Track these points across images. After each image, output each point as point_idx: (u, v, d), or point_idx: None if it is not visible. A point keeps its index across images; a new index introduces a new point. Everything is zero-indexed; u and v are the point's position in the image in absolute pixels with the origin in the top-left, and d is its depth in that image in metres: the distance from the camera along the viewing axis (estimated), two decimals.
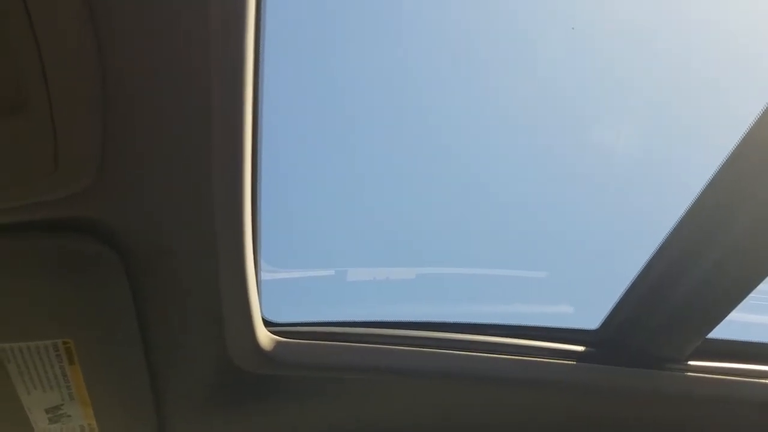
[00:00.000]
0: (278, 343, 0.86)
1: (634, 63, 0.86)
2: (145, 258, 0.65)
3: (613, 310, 0.94)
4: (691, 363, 0.95)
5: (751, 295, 0.86)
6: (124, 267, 0.63)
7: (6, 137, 0.49)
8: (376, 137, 0.93)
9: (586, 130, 0.94)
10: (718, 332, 0.91)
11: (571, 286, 1.06)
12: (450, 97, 0.91)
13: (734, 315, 0.89)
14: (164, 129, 0.55)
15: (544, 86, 0.88)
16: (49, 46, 0.45)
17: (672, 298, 0.88)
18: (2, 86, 0.46)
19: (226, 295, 0.74)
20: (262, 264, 0.82)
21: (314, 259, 1.01)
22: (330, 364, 0.89)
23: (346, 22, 0.85)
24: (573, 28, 0.73)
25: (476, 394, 0.94)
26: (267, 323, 0.87)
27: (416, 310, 0.97)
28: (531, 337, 0.96)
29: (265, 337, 0.84)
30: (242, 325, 0.79)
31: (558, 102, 0.90)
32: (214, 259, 0.68)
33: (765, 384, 0.95)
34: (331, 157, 0.95)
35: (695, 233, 0.81)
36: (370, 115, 0.91)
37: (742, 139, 0.69)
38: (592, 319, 0.97)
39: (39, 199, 0.55)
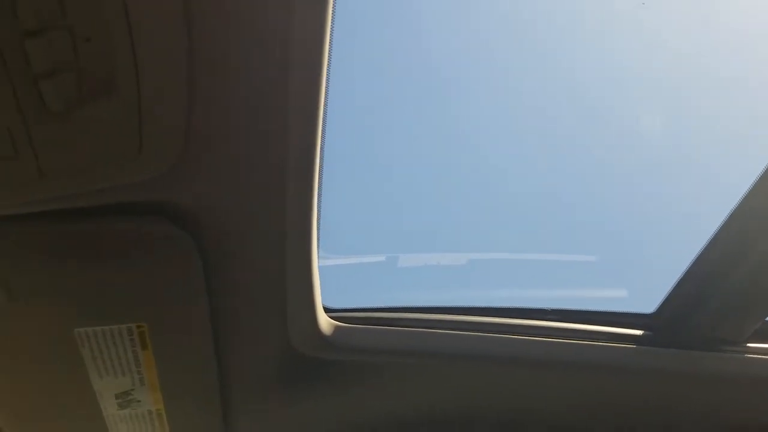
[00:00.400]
0: (337, 328, 0.87)
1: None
2: (216, 243, 0.65)
3: (670, 293, 0.93)
4: (751, 345, 0.94)
5: None
6: (198, 251, 0.64)
7: (94, 121, 0.50)
8: (426, 123, 0.92)
9: (642, 114, 0.93)
10: None
11: (623, 270, 1.05)
12: (496, 82, 0.91)
13: None
14: (241, 116, 0.55)
15: (600, 68, 0.87)
16: (142, 34, 0.46)
17: (732, 279, 0.87)
18: (95, 70, 0.47)
19: (291, 282, 0.74)
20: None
21: (365, 245, 1.01)
22: (388, 349, 0.90)
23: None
24: (643, 3, 0.72)
25: (533, 379, 0.94)
26: (325, 309, 0.88)
27: (468, 296, 0.97)
28: (586, 322, 0.95)
29: (325, 322, 0.85)
30: (304, 311, 0.80)
31: (613, 82, 0.89)
32: (281, 246, 0.69)
33: None
34: (381, 142, 0.95)
35: (756, 214, 0.80)
36: (420, 101, 0.91)
37: None
38: (646, 303, 0.96)
39: (121, 182, 0.55)
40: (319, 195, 0.73)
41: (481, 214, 1.01)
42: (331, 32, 0.55)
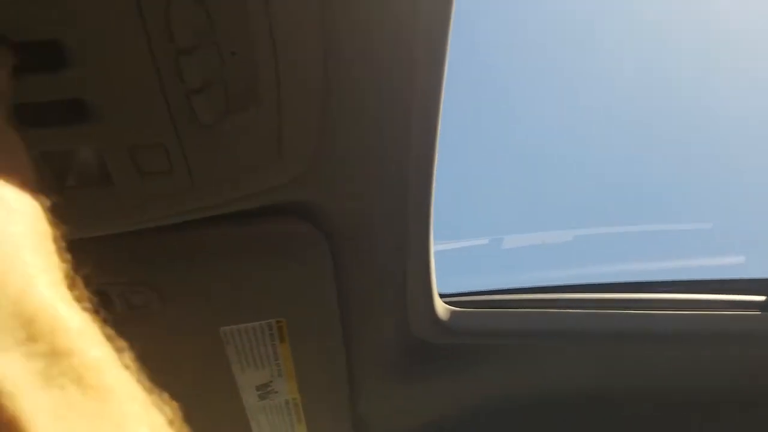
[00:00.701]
0: (453, 313, 0.88)
1: None
2: (345, 239, 0.68)
3: None
4: None
5: None
6: (330, 248, 0.67)
7: (239, 131, 0.53)
8: (528, 95, 0.92)
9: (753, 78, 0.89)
10: None
11: (738, 236, 1.02)
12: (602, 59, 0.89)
13: None
14: (369, 115, 0.58)
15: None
16: (283, 45, 0.48)
17: None
18: (239, 82, 0.50)
19: (411, 271, 0.76)
20: None
21: (467, 229, 1.02)
22: (503, 331, 0.91)
23: None
24: None
25: (655, 353, 0.93)
26: (440, 295, 0.89)
27: (577, 273, 0.97)
28: (705, 291, 0.93)
29: (441, 308, 0.87)
30: (423, 299, 0.82)
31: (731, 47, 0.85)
32: (404, 238, 0.71)
33: None
34: (480, 121, 0.96)
35: None
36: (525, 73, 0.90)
37: None
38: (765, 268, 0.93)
39: (262, 186, 0.59)
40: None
41: (586, 188, 1.00)
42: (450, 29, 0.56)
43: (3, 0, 0.39)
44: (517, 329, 0.91)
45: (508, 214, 1.01)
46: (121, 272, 0.62)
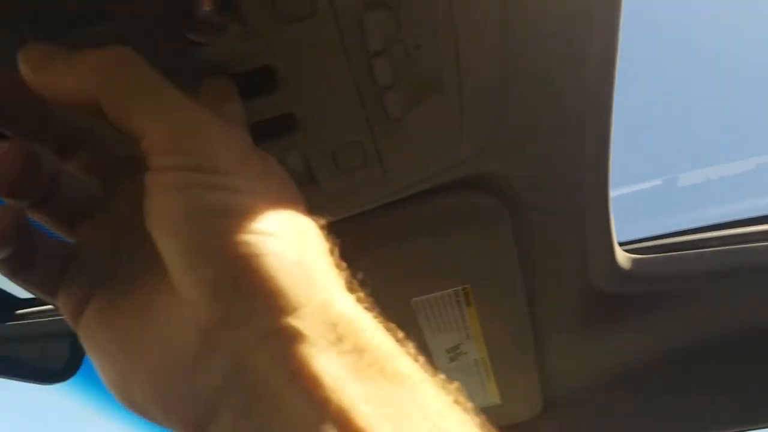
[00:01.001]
0: (634, 260, 0.87)
1: None
2: (524, 203, 0.69)
3: None
4: None
5: None
6: (509, 214, 0.68)
7: (424, 120, 0.55)
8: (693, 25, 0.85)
9: None
10: None
11: None
12: None
13: None
14: (545, 81, 0.57)
15: None
16: (465, 34, 0.49)
17: None
18: (424, 73, 0.51)
19: (590, 223, 0.76)
20: None
21: (639, 171, 0.98)
22: (688, 274, 0.88)
23: None
24: None
25: None
26: (618, 243, 0.88)
27: (763, 204, 0.90)
28: None
29: (621, 256, 0.85)
30: (602, 249, 0.81)
31: None
32: (581, 191, 0.71)
33: None
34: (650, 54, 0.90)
35: None
36: None
37: None
38: None
39: (446, 166, 0.61)
40: None
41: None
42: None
43: (217, 40, 0.43)
44: (702, 270, 0.88)
45: (680, 151, 0.96)
46: None
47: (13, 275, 0.34)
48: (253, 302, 0.30)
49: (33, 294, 0.36)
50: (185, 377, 0.31)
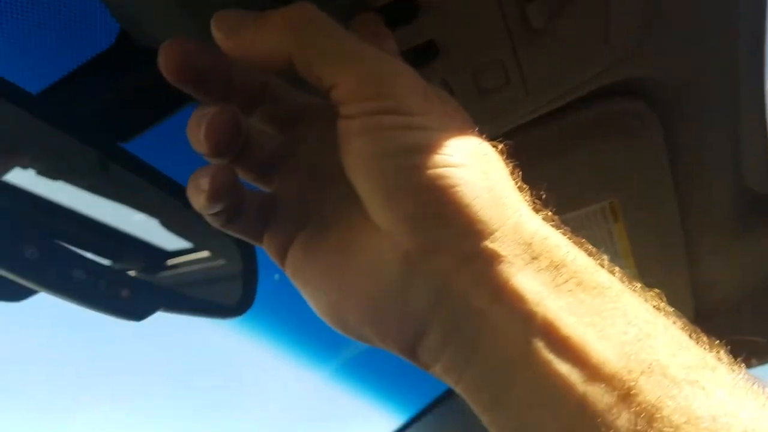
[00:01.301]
0: None
1: None
2: (675, 110, 0.65)
3: None
4: None
5: None
6: (660, 122, 0.64)
7: (566, 29, 0.52)
8: None
9: None
10: None
11: None
12: None
13: None
14: None
15: None
16: None
17: None
18: None
19: (745, 125, 0.70)
20: None
21: None
22: None
23: None
24: None
25: None
26: None
27: None
28: None
29: None
30: (758, 152, 0.75)
31: None
32: (735, 94, 0.65)
33: None
34: None
35: None
36: None
37: None
38: None
39: (591, 74, 0.58)
40: None
41: None
42: None
43: None
44: None
45: None
46: None
47: (225, 225, 0.37)
48: (452, 230, 0.31)
49: (243, 238, 0.39)
50: (394, 302, 0.33)
